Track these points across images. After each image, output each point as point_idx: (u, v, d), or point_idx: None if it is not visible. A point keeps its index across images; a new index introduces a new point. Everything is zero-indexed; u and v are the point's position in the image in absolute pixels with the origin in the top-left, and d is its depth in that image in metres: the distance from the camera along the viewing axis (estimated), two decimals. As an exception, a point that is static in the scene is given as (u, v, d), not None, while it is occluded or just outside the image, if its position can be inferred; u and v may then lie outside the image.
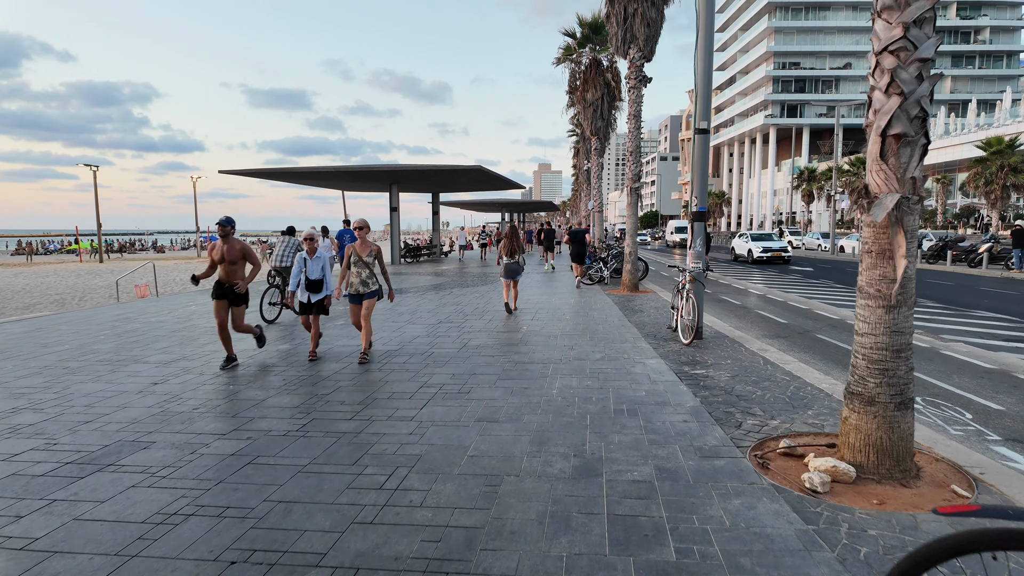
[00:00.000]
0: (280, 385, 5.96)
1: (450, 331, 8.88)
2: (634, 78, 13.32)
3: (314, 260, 7.24)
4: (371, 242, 6.95)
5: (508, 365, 6.61)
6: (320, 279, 7.26)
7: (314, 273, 7.23)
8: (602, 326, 9.08)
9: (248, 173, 24.96)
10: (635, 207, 13.59)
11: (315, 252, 7.27)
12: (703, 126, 7.56)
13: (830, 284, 17.71)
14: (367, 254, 6.95)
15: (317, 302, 7.27)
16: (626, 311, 10.73)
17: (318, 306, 7.27)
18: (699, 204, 7.67)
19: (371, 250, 6.97)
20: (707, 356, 6.97)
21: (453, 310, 11.12)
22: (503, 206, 56.77)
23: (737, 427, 4.49)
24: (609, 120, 22.60)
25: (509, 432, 4.45)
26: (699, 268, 7.77)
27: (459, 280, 17.53)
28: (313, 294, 7.23)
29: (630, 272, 13.69)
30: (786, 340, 8.80)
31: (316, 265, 7.25)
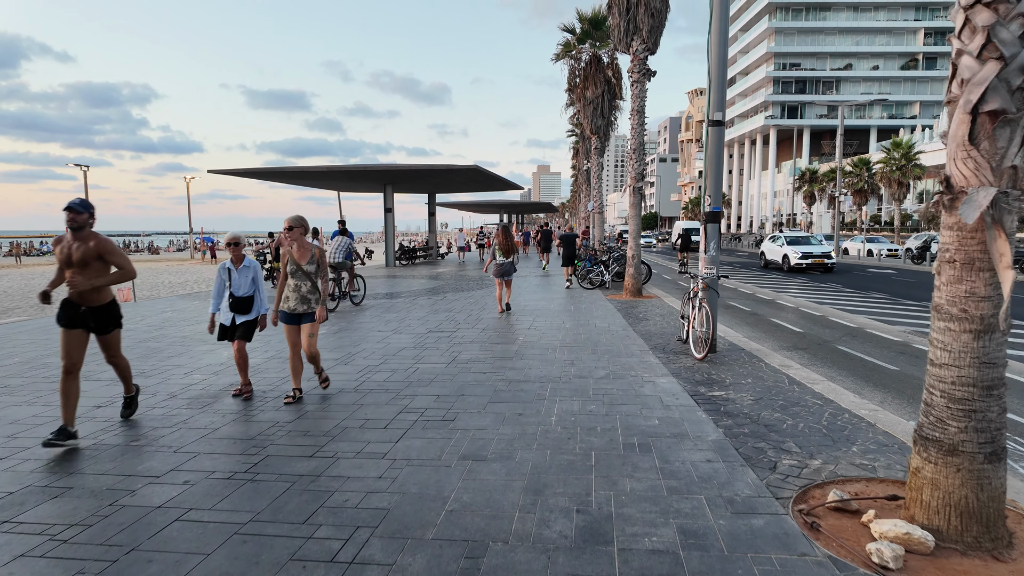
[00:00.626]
0: (238, 410, 5.21)
1: (439, 342, 8.13)
2: (637, 72, 12.60)
3: (241, 272, 5.58)
4: (312, 245, 5.53)
5: (501, 384, 5.86)
6: (249, 296, 5.58)
7: (241, 288, 5.55)
8: (605, 336, 8.34)
9: (238, 173, 24.21)
10: (638, 207, 12.86)
11: (242, 261, 5.61)
12: (717, 117, 6.83)
13: (839, 288, 16.99)
14: (307, 261, 5.43)
15: (243, 324, 5.55)
16: (630, 319, 9.99)
17: (244, 329, 5.54)
18: (713, 203, 6.95)
19: (312, 255, 5.47)
20: (724, 374, 6.23)
21: (445, 317, 10.38)
22: (501, 207, 56.07)
23: (772, 469, 3.75)
24: (610, 118, 21.88)
25: (498, 475, 3.70)
26: (713, 275, 7.03)
27: (454, 284, 16.80)
28: (240, 315, 5.55)
29: (633, 276, 12.96)
30: (806, 353, 8.06)
31: (244, 278, 5.57)
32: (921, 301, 13.78)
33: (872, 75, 73.64)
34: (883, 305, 13.16)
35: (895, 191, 43.86)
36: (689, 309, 7.45)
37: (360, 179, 26.44)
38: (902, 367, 7.25)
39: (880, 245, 32.42)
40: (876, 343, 8.78)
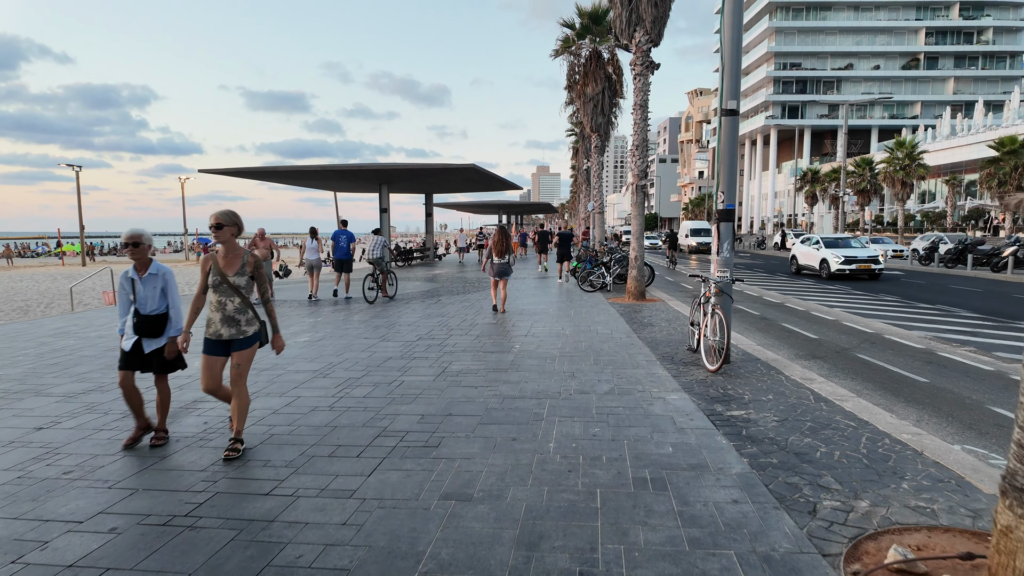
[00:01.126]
0: (195, 433, 4.60)
1: (429, 351, 7.53)
2: (640, 64, 12.01)
3: (146, 281, 4.21)
4: (244, 250, 4.25)
5: (494, 401, 5.26)
6: (160, 313, 4.24)
7: (150, 303, 4.21)
8: (608, 344, 7.74)
9: (229, 172, 23.62)
10: (641, 206, 12.26)
11: (148, 267, 4.23)
12: (731, 106, 6.24)
13: (848, 290, 16.40)
14: (236, 270, 4.10)
15: (154, 353, 4.24)
16: (634, 324, 9.39)
17: (157, 361, 4.25)
18: (726, 200, 6.35)
19: (243, 264, 4.13)
20: (741, 388, 5.62)
21: (437, 323, 9.77)
22: (500, 208, 55.47)
23: (811, 513, 3.15)
24: (610, 116, 21.31)
25: (486, 521, 3.10)
26: (726, 278, 6.43)
27: (449, 286, 16.19)
28: (149, 339, 4.22)
29: (636, 279, 12.35)
30: (825, 363, 7.46)
31: (152, 289, 4.22)
32: (935, 304, 13.19)
33: (873, 75, 73.16)
34: (897, 308, 12.57)
35: (898, 191, 43.29)
36: (700, 315, 6.85)
37: (355, 179, 25.83)
38: (931, 378, 6.65)
39: (885, 246, 31.81)
40: (898, 351, 8.18)
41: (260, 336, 4.29)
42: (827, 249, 20.04)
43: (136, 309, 4.22)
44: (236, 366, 4.14)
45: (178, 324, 4.30)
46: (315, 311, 11.58)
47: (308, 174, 24.20)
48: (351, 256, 14.65)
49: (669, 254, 26.50)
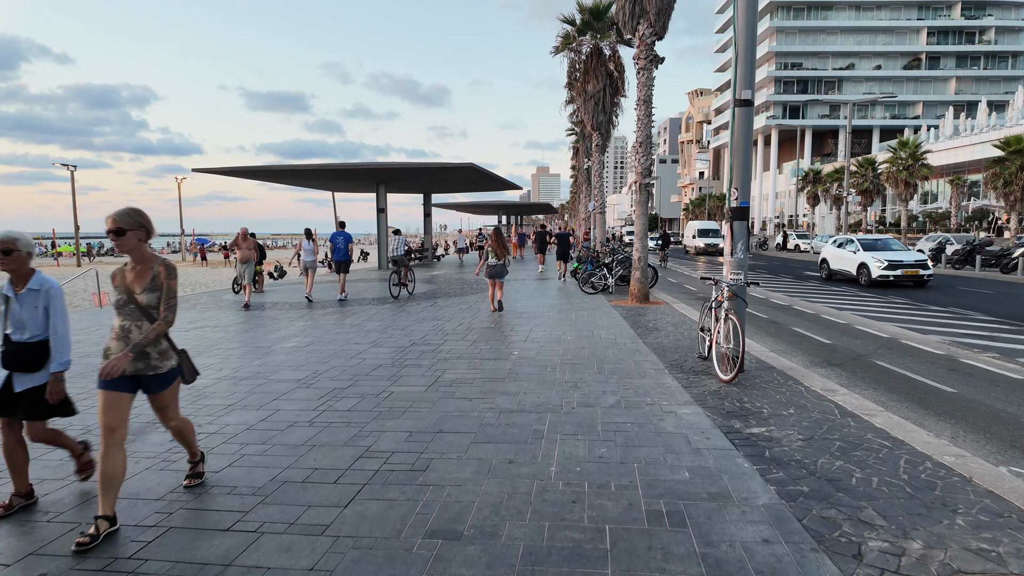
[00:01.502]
0: (162, 452, 4.16)
1: (422, 358, 7.08)
2: (644, 58, 11.57)
3: (24, 298, 3.22)
4: (157, 258, 3.29)
5: (489, 416, 4.81)
6: (39, 340, 3.25)
7: (29, 327, 3.23)
8: (612, 351, 7.29)
9: (224, 171, 23.18)
10: (645, 206, 11.82)
11: (27, 281, 3.25)
12: (745, 96, 5.80)
13: (854, 292, 15.96)
14: (146, 286, 3.20)
15: (28, 393, 3.24)
16: (639, 329, 8.94)
17: (29, 402, 3.25)
18: (740, 198, 5.91)
19: (154, 276, 3.22)
20: (759, 401, 5.18)
21: (432, 327, 9.32)
22: (500, 208, 55.06)
23: (856, 556, 2.70)
24: (612, 114, 20.88)
25: (477, 568, 2.65)
26: (740, 281, 5.98)
27: (447, 288, 15.75)
28: (20, 374, 3.22)
29: (640, 281, 11.91)
30: (843, 371, 7.01)
31: (31, 309, 3.22)
32: (946, 307, 12.75)
33: (874, 75, 72.82)
34: (908, 311, 12.13)
35: (901, 191, 42.86)
36: (711, 321, 6.41)
37: (352, 178, 25.40)
38: (959, 388, 6.20)
39: (889, 247, 31.40)
40: (917, 357, 7.74)
41: (176, 373, 3.36)
42: (866, 252, 17.44)
43: (7, 335, 3.21)
44: (160, 410, 3.37)
45: (64, 356, 3.28)
46: (307, 314, 11.13)
47: (304, 173, 23.78)
48: (349, 257, 14.31)
49: (660, 254, 27.41)
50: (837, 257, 19.11)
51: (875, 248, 17.80)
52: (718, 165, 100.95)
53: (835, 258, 19.23)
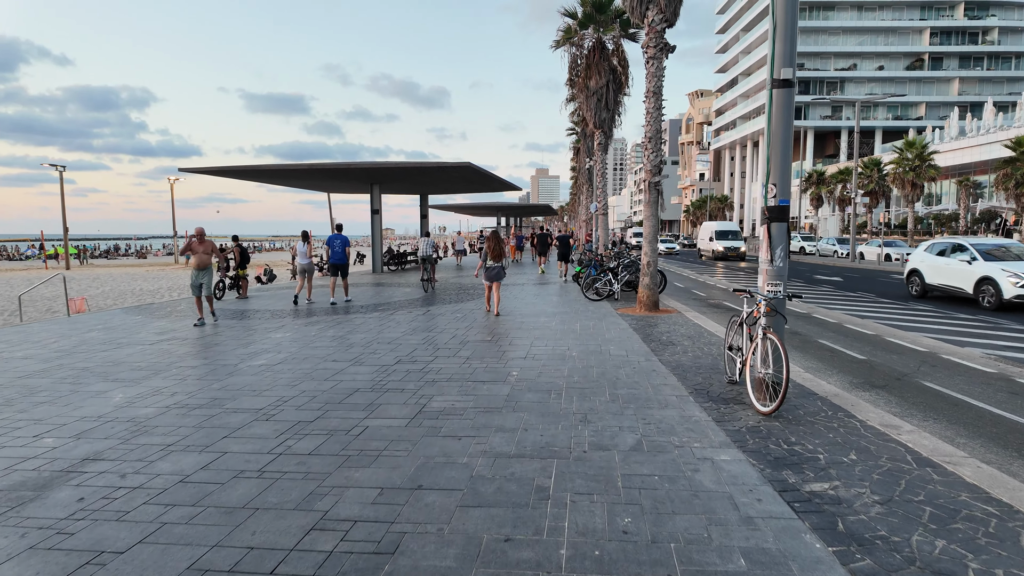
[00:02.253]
0: (57, 517, 3.24)
1: (408, 379, 6.17)
2: (653, 46, 10.68)
3: None
4: None
5: (482, 463, 3.90)
6: None
7: None
8: (625, 371, 6.38)
9: (212, 171, 22.27)
10: (655, 206, 10.92)
11: None
12: (785, 75, 4.91)
13: (873, 298, 15.07)
14: None
15: None
16: (652, 343, 8.02)
17: None
18: (779, 195, 5.00)
19: None
20: (810, 441, 4.26)
21: (422, 340, 8.41)
22: (499, 210, 54.14)
23: None
24: (615, 111, 19.98)
25: None
26: (780, 294, 5.07)
27: (442, 294, 14.83)
28: None
29: (649, 287, 11.00)
30: (891, 395, 6.10)
31: None
32: (975, 314, 11.86)
33: (877, 75, 72.08)
34: (934, 319, 11.24)
35: (908, 192, 42.07)
36: (742, 339, 5.50)
37: (345, 179, 24.50)
38: (1031, 418, 5.29)
39: (899, 249, 30.54)
40: (967, 376, 6.84)
41: None
42: (990, 263, 12.80)
43: None
44: None
45: None
46: (287, 323, 10.22)
47: (294, 174, 22.85)
48: (346, 260, 13.90)
49: None
50: (938, 269, 14.48)
51: (1000, 257, 13.06)
52: (719, 167, 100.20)
53: (934, 270, 14.64)
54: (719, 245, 34.54)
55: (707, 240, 36.94)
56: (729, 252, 33.90)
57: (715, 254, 34.89)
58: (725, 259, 34.39)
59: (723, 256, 34.25)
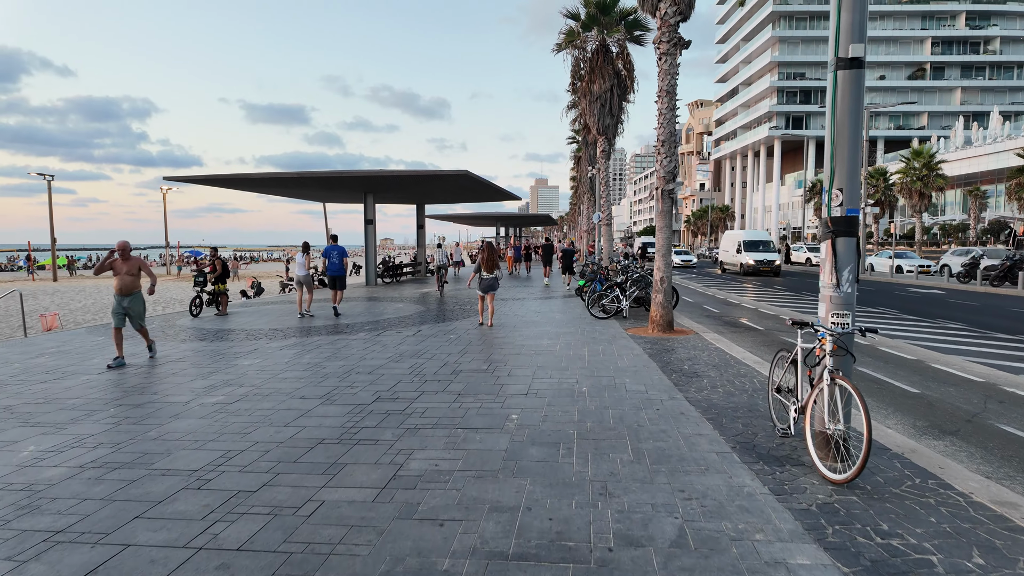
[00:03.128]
0: None
1: (385, 425, 5.10)
2: (666, 41, 9.73)
3: None
4: None
5: (470, 571, 2.83)
6: None
7: None
8: (647, 414, 5.32)
9: (198, 180, 21.32)
10: (669, 215, 9.90)
11: None
12: (854, 53, 3.91)
13: (897, 314, 14.04)
14: None
15: None
16: (673, 373, 6.96)
17: None
18: (847, 203, 3.98)
19: None
20: (911, 532, 3.19)
21: (408, 369, 7.34)
22: (498, 220, 53.24)
23: None
24: (619, 117, 19.07)
25: None
26: (848, 327, 4.02)
27: (436, 310, 13.77)
28: None
29: (663, 305, 9.95)
30: (968, 444, 5.04)
31: None
32: (1016, 334, 10.84)
33: (879, 85, 71.60)
34: (971, 339, 10.22)
35: (916, 202, 41.18)
36: (797, 381, 4.44)
37: (337, 187, 23.53)
38: None
39: (910, 261, 29.52)
40: (1049, 416, 5.78)
41: None
42: None
43: None
44: None
45: None
46: (258, 348, 9.15)
47: (285, 182, 21.87)
48: (344, 272, 13.57)
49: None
50: None
51: None
52: (719, 177, 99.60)
53: None
54: (749, 258, 29.49)
55: (733, 251, 31.87)
56: (762, 266, 28.81)
57: (744, 268, 29.74)
58: (757, 274, 29.29)
59: (754, 271, 29.12)
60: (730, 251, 32.43)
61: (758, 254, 29.60)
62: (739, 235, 32.10)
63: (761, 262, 28.94)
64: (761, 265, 28.90)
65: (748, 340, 10.18)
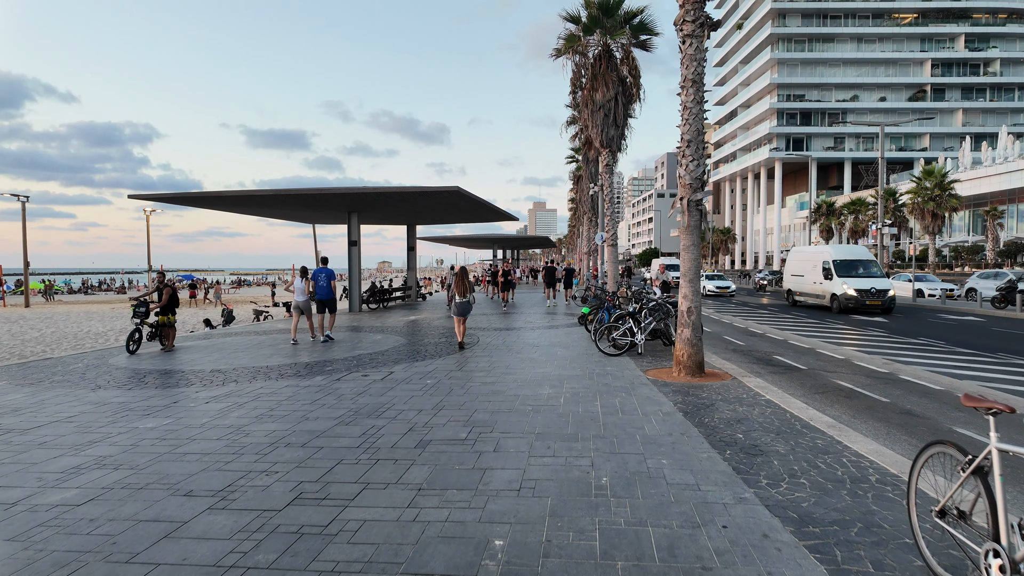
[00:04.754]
0: None
1: (281, 566, 3.12)
2: (691, 21, 7.99)
3: None
4: None
5: None
6: None
7: None
8: (712, 537, 3.34)
9: (160, 198, 19.47)
10: (696, 231, 8.03)
11: None
12: None
13: (946, 346, 12.09)
14: None
15: None
16: (728, 449, 4.98)
17: None
18: None
19: None
20: None
21: (358, 437, 5.36)
22: (496, 242, 51.50)
23: None
24: (624, 127, 17.38)
25: None
26: None
27: (416, 343, 11.78)
28: None
29: (690, 343, 8.00)
30: None
31: None
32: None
33: (879, 106, 70.99)
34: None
35: (928, 223, 39.59)
36: (990, 508, 2.49)
37: (318, 206, 21.73)
38: None
39: (932, 284, 27.65)
40: None
41: None
42: None
43: None
44: None
45: None
46: (178, 400, 7.16)
47: (257, 201, 19.96)
48: (333, 295, 13.10)
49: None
50: None
51: None
52: (719, 199, 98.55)
53: None
54: (847, 286, 19.76)
55: (814, 276, 21.82)
56: (869, 299, 19.43)
57: (840, 303, 19.85)
58: (859, 311, 20.00)
59: (855, 306, 19.62)
60: (807, 276, 22.45)
61: (860, 280, 19.97)
62: (823, 253, 21.98)
63: (867, 293, 19.57)
64: (868, 297, 19.37)
65: (799, 383, 8.23)
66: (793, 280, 24.06)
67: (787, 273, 24.88)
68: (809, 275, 22.45)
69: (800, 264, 23.58)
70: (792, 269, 24.31)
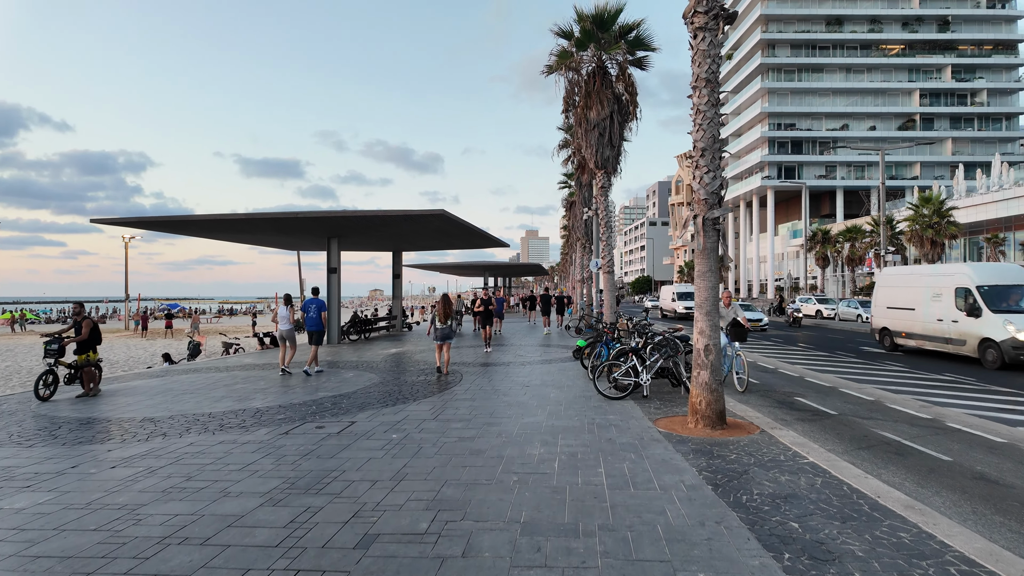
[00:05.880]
0: None
1: None
2: (703, 12, 6.91)
3: None
4: None
5: None
6: None
7: None
8: None
9: (123, 223, 18.21)
10: (714, 254, 6.79)
11: None
12: None
13: (977, 382, 10.80)
14: None
15: None
16: (785, 547, 3.63)
17: None
18: None
19: None
20: None
21: (282, 531, 3.96)
22: (487, 269, 50.34)
23: None
24: (619, 148, 16.36)
25: None
26: None
27: (392, 383, 10.34)
28: None
29: (711, 388, 6.66)
30: None
31: None
32: None
33: (869, 135, 71.49)
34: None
35: (927, 250, 38.82)
36: None
37: (294, 231, 20.50)
38: None
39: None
40: None
41: None
42: None
43: None
44: None
45: None
46: (64, 473, 5.72)
47: (227, 225, 18.63)
48: (323, 327, 12.82)
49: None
50: None
51: None
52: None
53: None
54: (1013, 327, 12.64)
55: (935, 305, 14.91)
56: None
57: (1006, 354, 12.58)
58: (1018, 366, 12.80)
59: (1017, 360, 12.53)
60: (921, 309, 15.44)
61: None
62: (956, 274, 14.53)
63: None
64: None
65: (851, 442, 6.89)
66: (893, 315, 16.66)
67: (879, 304, 17.48)
68: (926, 308, 15.24)
69: (905, 292, 16.20)
70: (889, 299, 16.91)
